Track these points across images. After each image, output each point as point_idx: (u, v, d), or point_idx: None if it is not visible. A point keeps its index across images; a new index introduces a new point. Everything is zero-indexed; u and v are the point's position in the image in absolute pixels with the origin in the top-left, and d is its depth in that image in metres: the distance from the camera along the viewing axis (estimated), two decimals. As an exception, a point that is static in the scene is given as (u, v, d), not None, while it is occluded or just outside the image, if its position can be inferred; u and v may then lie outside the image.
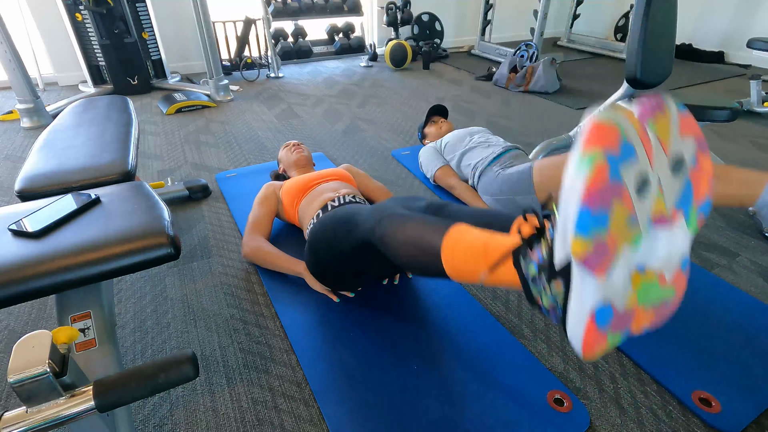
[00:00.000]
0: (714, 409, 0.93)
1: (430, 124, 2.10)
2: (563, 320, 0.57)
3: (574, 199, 0.48)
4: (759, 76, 2.67)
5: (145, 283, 1.32)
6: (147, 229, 0.78)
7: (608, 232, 0.49)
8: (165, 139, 2.40)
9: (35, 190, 0.98)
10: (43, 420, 0.57)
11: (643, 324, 0.56)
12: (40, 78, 3.23)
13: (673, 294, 0.56)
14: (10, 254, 0.71)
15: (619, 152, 0.47)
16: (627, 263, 0.52)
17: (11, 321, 1.19)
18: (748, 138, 2.43)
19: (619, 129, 0.47)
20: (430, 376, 1.01)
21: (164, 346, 1.11)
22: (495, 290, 1.30)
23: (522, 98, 3.11)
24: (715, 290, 1.27)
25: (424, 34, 4.28)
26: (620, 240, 0.50)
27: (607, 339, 0.54)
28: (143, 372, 0.60)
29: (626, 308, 0.54)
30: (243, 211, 1.66)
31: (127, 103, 1.49)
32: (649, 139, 0.50)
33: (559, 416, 0.92)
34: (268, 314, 1.21)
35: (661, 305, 0.56)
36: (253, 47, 3.74)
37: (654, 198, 0.52)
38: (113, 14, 2.86)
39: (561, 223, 0.53)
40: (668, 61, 1.70)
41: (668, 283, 0.55)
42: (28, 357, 0.55)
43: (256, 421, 0.93)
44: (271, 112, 2.84)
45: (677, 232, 0.54)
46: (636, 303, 0.54)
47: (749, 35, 3.83)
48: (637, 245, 0.52)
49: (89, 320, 0.84)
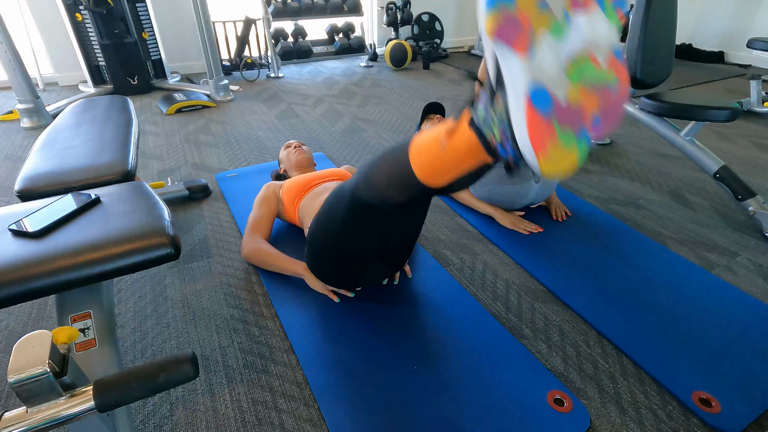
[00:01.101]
0: (714, 409, 0.93)
1: (426, 121, 2.10)
2: (513, 136, 0.57)
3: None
4: (759, 76, 2.67)
5: (145, 283, 1.32)
6: (147, 229, 0.78)
7: (516, 7, 0.50)
8: (165, 139, 2.40)
9: (35, 190, 0.98)
10: (43, 420, 0.57)
11: (591, 110, 0.55)
12: (40, 78, 3.23)
13: (615, 79, 0.56)
14: (10, 254, 0.71)
15: None
16: (551, 48, 0.53)
17: (11, 321, 1.19)
18: (748, 138, 2.43)
19: None
20: (430, 376, 1.01)
21: (164, 346, 1.11)
22: (495, 290, 1.30)
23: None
24: (715, 290, 1.27)
25: (424, 34, 4.28)
26: (534, 20, 0.51)
27: (555, 130, 0.54)
28: (143, 372, 0.60)
29: (567, 98, 0.54)
30: (243, 212, 1.66)
31: (127, 103, 1.49)
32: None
33: (560, 416, 0.92)
34: (268, 314, 1.21)
35: (603, 88, 0.55)
36: (253, 47, 3.73)
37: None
38: (113, 14, 2.86)
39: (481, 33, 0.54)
40: (668, 61, 1.70)
41: (603, 66, 0.55)
42: (28, 357, 0.55)
43: (256, 421, 0.93)
44: (271, 112, 2.84)
45: (596, 18, 0.54)
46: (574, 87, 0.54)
47: (749, 35, 3.83)
48: (558, 33, 0.53)
49: (89, 320, 0.84)
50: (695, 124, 1.69)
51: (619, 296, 1.25)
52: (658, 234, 1.57)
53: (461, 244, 1.51)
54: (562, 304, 1.24)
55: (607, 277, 1.32)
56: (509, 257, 1.44)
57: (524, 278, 1.35)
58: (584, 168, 2.08)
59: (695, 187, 1.91)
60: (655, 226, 1.62)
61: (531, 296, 1.27)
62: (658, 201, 1.79)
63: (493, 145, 0.61)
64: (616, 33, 0.56)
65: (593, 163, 2.13)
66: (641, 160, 2.17)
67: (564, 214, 1.63)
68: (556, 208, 1.65)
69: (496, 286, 1.31)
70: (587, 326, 1.17)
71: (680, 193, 1.85)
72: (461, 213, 1.68)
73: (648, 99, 1.72)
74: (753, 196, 1.59)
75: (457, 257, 1.44)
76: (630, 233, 1.55)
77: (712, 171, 1.65)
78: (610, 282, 1.30)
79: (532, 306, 1.24)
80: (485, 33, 0.53)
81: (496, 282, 1.33)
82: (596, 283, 1.30)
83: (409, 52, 3.83)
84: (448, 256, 1.45)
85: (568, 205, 1.71)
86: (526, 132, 0.54)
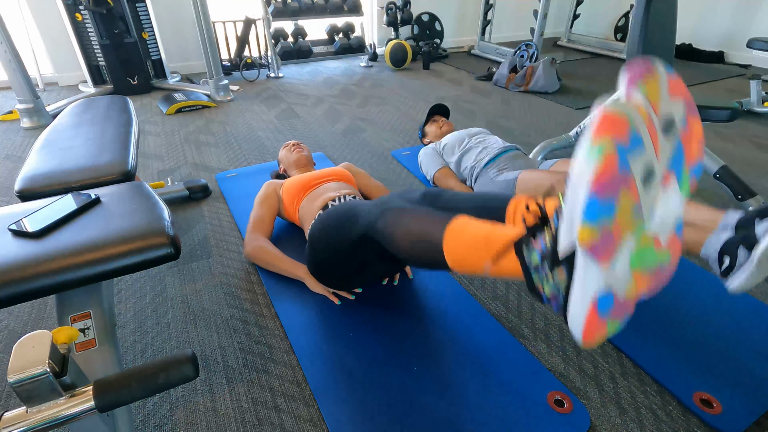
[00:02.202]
0: (715, 410, 0.93)
1: (430, 122, 2.10)
2: (564, 308, 0.57)
3: (582, 188, 0.48)
4: (759, 76, 2.67)
5: (145, 283, 1.32)
6: (147, 229, 0.78)
7: (614, 221, 0.49)
8: (165, 139, 2.40)
9: (35, 190, 0.97)
10: (43, 420, 0.57)
11: (641, 290, 0.56)
12: (40, 78, 3.23)
13: (669, 258, 0.56)
14: (10, 254, 0.71)
15: (628, 143, 0.48)
16: (629, 251, 0.52)
17: (11, 321, 1.19)
18: (748, 138, 2.43)
19: (628, 119, 0.48)
20: (429, 376, 1.01)
21: (164, 346, 1.11)
22: (495, 290, 1.30)
23: (522, 98, 3.11)
24: (716, 291, 1.27)
25: (424, 34, 4.28)
26: (625, 228, 0.51)
27: (607, 326, 0.55)
28: (143, 372, 0.60)
29: (626, 295, 0.54)
30: (243, 212, 1.66)
31: (127, 103, 1.49)
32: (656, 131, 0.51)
33: (560, 417, 0.92)
34: (268, 314, 1.21)
35: (657, 270, 0.56)
36: (253, 47, 3.73)
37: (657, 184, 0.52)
38: (113, 14, 2.86)
39: (567, 212, 0.53)
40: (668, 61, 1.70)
41: (663, 246, 0.55)
42: (28, 357, 0.55)
43: (256, 421, 0.93)
44: (271, 112, 2.84)
45: (671, 195, 0.54)
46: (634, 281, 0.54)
47: (749, 35, 3.83)
48: (640, 231, 0.52)
49: (89, 320, 0.84)
50: (695, 124, 1.69)
51: (619, 296, 1.25)
52: (658, 234, 1.56)
53: (461, 244, 1.51)
54: (562, 304, 1.24)
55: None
56: (509, 257, 1.44)
57: (524, 278, 1.34)
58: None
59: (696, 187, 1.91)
60: (655, 226, 1.61)
61: (531, 296, 1.27)
62: (658, 201, 1.79)
63: (539, 291, 0.61)
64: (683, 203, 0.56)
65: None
66: (641, 160, 2.16)
67: None
68: None
69: (496, 286, 1.31)
70: (587, 326, 1.17)
71: (680, 193, 1.85)
72: (461, 213, 1.68)
73: (648, 99, 1.72)
74: (753, 196, 1.59)
75: (457, 257, 1.44)
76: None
77: (712, 171, 1.65)
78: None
79: (532, 306, 1.24)
80: (577, 240, 0.51)
81: (496, 282, 1.33)
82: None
83: (409, 52, 3.83)
84: (448, 256, 1.45)
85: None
86: (582, 327, 0.55)
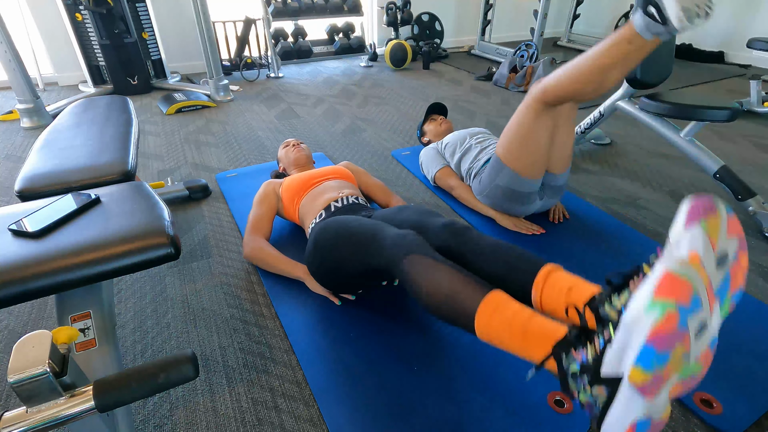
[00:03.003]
0: (715, 410, 0.93)
1: (429, 121, 2.10)
2: (599, 421, 0.60)
3: (640, 335, 0.52)
4: (759, 76, 2.67)
5: (145, 283, 1.32)
6: (147, 229, 0.78)
7: (666, 368, 0.53)
8: (165, 139, 2.40)
9: (35, 190, 0.98)
10: (43, 420, 0.57)
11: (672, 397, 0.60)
12: (40, 78, 3.23)
13: (701, 370, 0.59)
14: (10, 254, 0.71)
15: (689, 305, 0.52)
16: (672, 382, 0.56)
17: (11, 321, 1.19)
18: (748, 138, 2.43)
19: (692, 286, 0.52)
20: (429, 376, 1.01)
21: (164, 346, 1.11)
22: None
23: (522, 98, 3.10)
24: (716, 290, 1.27)
25: (424, 34, 4.28)
26: (673, 372, 0.55)
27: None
28: (143, 372, 0.60)
29: (662, 418, 0.59)
30: (243, 212, 1.66)
31: (127, 103, 1.49)
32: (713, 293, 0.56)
33: (560, 418, 0.92)
34: (268, 314, 1.21)
35: (689, 381, 0.59)
36: (253, 47, 3.73)
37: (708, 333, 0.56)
38: (113, 14, 2.86)
39: (619, 344, 0.56)
40: (668, 61, 1.70)
41: (698, 362, 0.58)
42: (28, 357, 0.55)
43: (256, 421, 0.93)
44: (271, 112, 2.84)
45: (713, 318, 0.57)
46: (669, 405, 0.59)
47: (749, 35, 3.83)
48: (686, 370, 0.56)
49: (89, 320, 0.84)
50: (695, 124, 1.69)
51: (620, 296, 1.25)
52: (657, 234, 1.56)
53: (461, 244, 1.51)
54: (562, 304, 1.24)
55: (608, 277, 1.32)
56: (509, 257, 1.44)
57: (524, 278, 1.34)
58: (585, 168, 2.08)
59: (695, 187, 1.91)
60: (655, 226, 1.62)
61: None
62: (658, 201, 1.79)
63: (573, 395, 0.64)
64: None
65: (593, 163, 2.13)
66: (641, 160, 2.17)
67: (561, 216, 1.63)
68: (554, 209, 1.65)
69: (497, 286, 1.31)
70: (587, 326, 1.17)
71: (680, 193, 1.85)
72: (462, 213, 1.68)
73: (648, 99, 1.72)
74: (753, 196, 1.59)
75: (457, 257, 1.44)
76: (630, 233, 1.55)
77: (712, 171, 1.65)
78: (611, 282, 1.30)
79: (533, 306, 1.24)
80: (628, 379, 0.54)
81: (496, 282, 1.33)
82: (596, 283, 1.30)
83: (409, 52, 3.83)
84: (448, 256, 1.45)
85: (568, 205, 1.71)
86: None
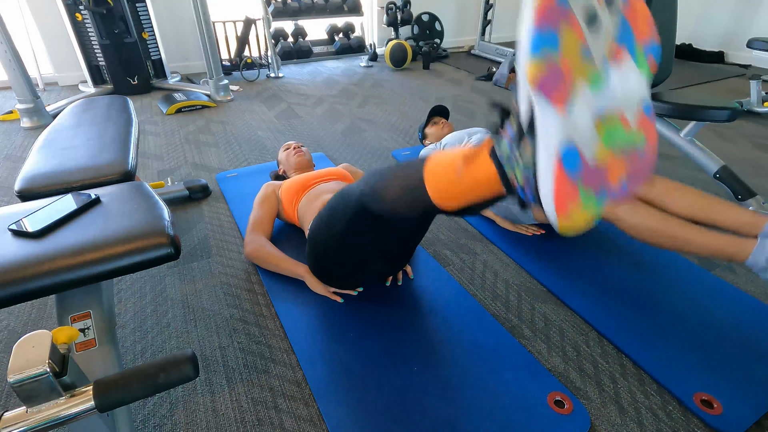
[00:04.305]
0: (716, 410, 0.93)
1: (431, 124, 2.10)
2: (536, 186, 0.57)
3: (525, 27, 0.49)
4: (759, 76, 2.67)
5: (145, 283, 1.32)
6: (147, 229, 0.78)
7: (560, 56, 0.49)
8: (165, 139, 2.40)
9: (35, 190, 0.98)
10: (43, 420, 0.56)
11: (619, 174, 0.55)
12: (40, 78, 3.23)
13: (644, 140, 0.56)
14: (10, 254, 0.71)
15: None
16: (587, 104, 0.52)
17: (11, 321, 1.19)
18: (748, 138, 2.43)
19: None
20: (429, 376, 1.01)
21: (164, 346, 1.11)
22: (495, 290, 1.30)
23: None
24: (716, 291, 1.27)
25: (424, 34, 4.28)
26: (576, 71, 0.51)
27: (580, 194, 0.54)
28: (143, 372, 0.60)
29: (596, 159, 0.53)
30: (243, 212, 1.66)
31: (127, 103, 1.49)
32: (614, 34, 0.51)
33: (560, 418, 0.92)
34: (268, 314, 1.21)
35: (632, 151, 0.55)
36: (253, 47, 3.73)
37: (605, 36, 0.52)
38: (113, 14, 2.86)
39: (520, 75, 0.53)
40: (668, 61, 1.70)
41: (633, 127, 0.55)
42: (28, 357, 0.55)
43: (256, 421, 0.93)
44: (271, 112, 2.84)
45: (628, 71, 0.54)
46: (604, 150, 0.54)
47: (749, 35, 3.83)
48: (596, 86, 0.52)
49: (89, 320, 0.84)
50: (695, 124, 1.69)
51: (619, 296, 1.25)
52: (658, 234, 1.56)
53: (461, 244, 1.51)
54: (562, 304, 1.24)
55: (607, 278, 1.32)
56: (509, 257, 1.44)
57: (524, 278, 1.35)
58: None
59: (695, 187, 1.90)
60: (655, 226, 1.61)
61: (531, 296, 1.27)
62: (658, 201, 1.79)
63: (513, 185, 0.61)
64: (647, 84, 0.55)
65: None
66: (641, 160, 2.16)
67: None
68: None
69: (496, 286, 1.31)
70: (587, 326, 1.17)
71: (680, 193, 1.85)
72: (461, 213, 1.68)
73: (648, 99, 1.72)
74: (753, 196, 1.59)
75: (457, 257, 1.44)
76: (630, 233, 1.55)
77: (712, 171, 1.65)
78: (610, 282, 1.30)
79: (532, 306, 1.24)
80: (527, 80, 0.51)
81: (496, 282, 1.33)
82: (596, 283, 1.30)
83: (409, 52, 3.83)
84: (448, 256, 1.45)
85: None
86: (552, 192, 0.54)
